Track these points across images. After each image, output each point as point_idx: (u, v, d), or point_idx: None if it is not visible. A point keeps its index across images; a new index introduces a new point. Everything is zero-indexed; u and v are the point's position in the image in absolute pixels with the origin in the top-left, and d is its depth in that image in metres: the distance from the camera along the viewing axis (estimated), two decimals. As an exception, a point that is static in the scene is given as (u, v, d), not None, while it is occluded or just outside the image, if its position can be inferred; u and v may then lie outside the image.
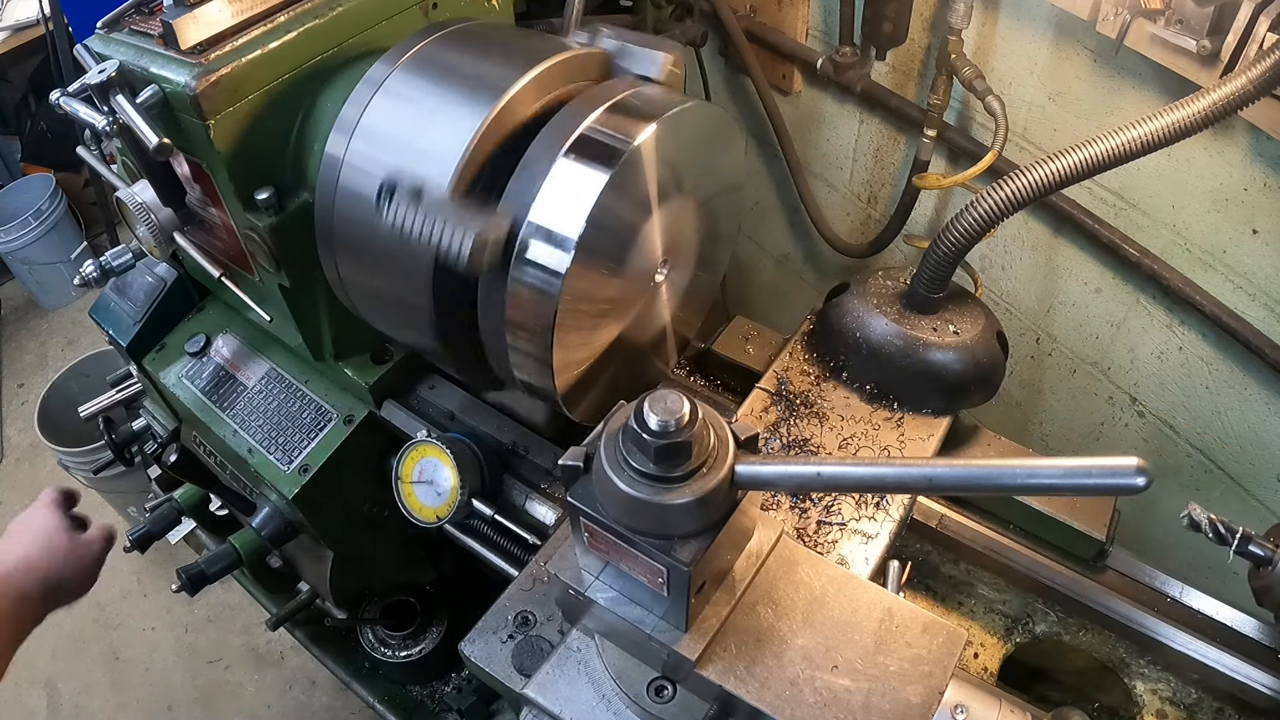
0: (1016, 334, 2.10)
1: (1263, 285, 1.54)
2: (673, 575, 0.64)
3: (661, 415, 0.59)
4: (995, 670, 1.12)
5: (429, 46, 0.98)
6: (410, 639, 1.89)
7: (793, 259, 2.75)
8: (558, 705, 0.81)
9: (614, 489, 0.61)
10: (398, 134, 0.94)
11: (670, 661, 0.72)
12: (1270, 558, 0.96)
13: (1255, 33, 1.24)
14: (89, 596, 1.23)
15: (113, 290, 1.58)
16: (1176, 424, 1.82)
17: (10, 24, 3.48)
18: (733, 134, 1.00)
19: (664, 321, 1.05)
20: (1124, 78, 1.57)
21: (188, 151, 1.05)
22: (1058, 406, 2.11)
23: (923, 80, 1.99)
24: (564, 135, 0.85)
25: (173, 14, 0.97)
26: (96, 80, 0.97)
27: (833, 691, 0.69)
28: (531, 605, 0.92)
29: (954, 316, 1.21)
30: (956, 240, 1.15)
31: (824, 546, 0.99)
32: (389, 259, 0.96)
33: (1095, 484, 0.49)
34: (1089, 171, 1.14)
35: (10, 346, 3.96)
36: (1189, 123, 1.11)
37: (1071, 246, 1.86)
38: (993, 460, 0.54)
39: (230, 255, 1.18)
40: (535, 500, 1.23)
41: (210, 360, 1.46)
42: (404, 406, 1.32)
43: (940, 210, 2.16)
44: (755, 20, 2.25)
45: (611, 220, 0.85)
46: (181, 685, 2.77)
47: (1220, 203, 1.53)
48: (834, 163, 2.39)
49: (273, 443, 1.36)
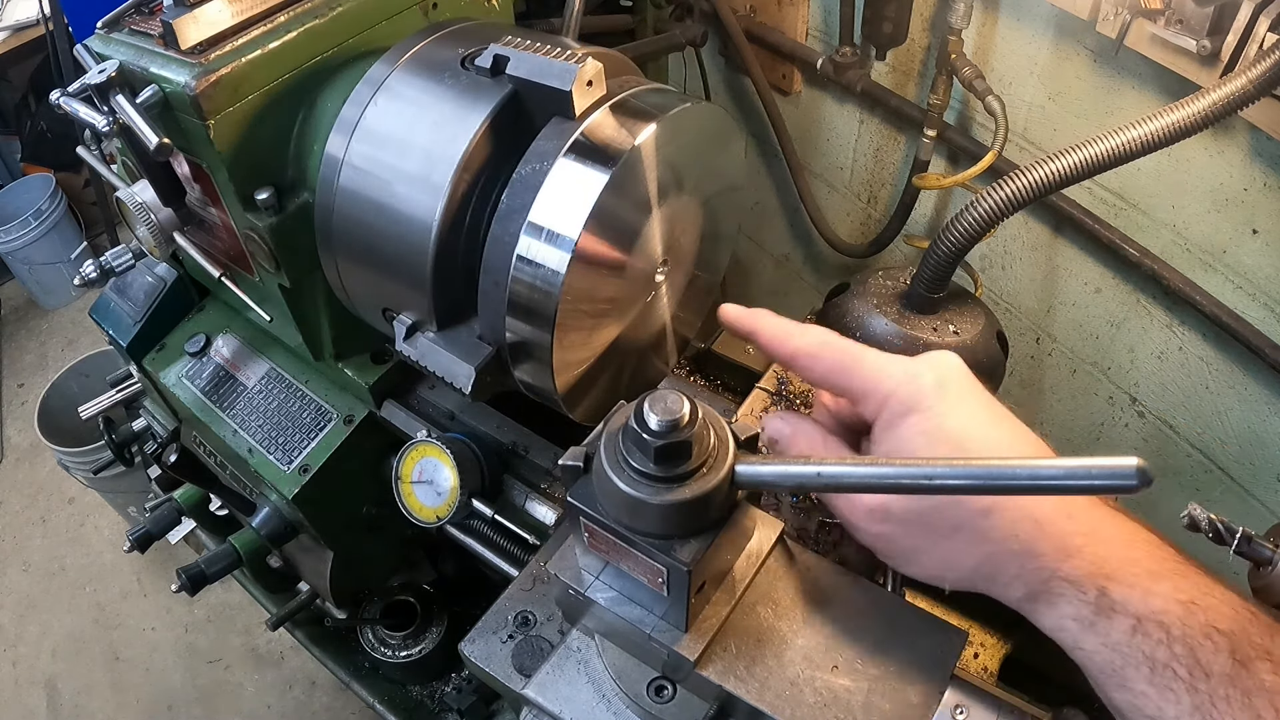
0: (1016, 334, 2.10)
1: (1263, 285, 1.54)
2: (673, 575, 0.64)
3: (661, 415, 0.59)
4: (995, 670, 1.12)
5: (429, 46, 0.98)
6: (410, 639, 1.89)
7: (793, 259, 2.75)
8: (558, 705, 0.81)
9: (614, 489, 0.61)
10: (398, 134, 0.94)
11: (670, 661, 0.72)
12: (1270, 558, 0.96)
13: (1255, 33, 1.24)
14: (89, 596, 1.23)
15: (113, 290, 1.58)
16: (1176, 424, 1.82)
17: (10, 24, 3.48)
18: (733, 134, 1.00)
19: (664, 321, 1.05)
20: (1124, 78, 1.57)
21: (188, 151, 1.05)
22: (1058, 406, 2.11)
23: (923, 80, 1.99)
24: (564, 135, 0.85)
25: (173, 14, 0.97)
26: (96, 80, 0.97)
27: (833, 691, 0.69)
28: (531, 605, 0.92)
29: (954, 316, 1.21)
30: (956, 240, 1.15)
31: (825, 546, 0.99)
32: (389, 259, 0.96)
33: (1095, 484, 0.49)
34: (1089, 171, 1.14)
35: (10, 346, 3.96)
36: (1189, 123, 1.12)
37: (1071, 246, 1.86)
38: (993, 460, 0.54)
39: (230, 255, 1.18)
40: (535, 500, 1.23)
41: (210, 360, 1.46)
42: (404, 406, 1.32)
43: (940, 210, 2.16)
44: (755, 20, 2.26)
45: (611, 220, 0.85)
46: (181, 685, 2.77)
47: (1220, 203, 1.53)
48: (834, 163, 2.39)
49: (273, 443, 1.36)
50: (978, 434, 0.66)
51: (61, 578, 3.08)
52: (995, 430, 0.67)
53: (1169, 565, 0.60)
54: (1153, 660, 0.56)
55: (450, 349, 0.97)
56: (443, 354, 0.97)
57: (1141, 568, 0.59)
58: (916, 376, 0.68)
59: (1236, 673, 0.53)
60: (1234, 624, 0.55)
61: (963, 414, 0.66)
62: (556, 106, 0.86)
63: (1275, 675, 0.53)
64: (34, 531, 3.25)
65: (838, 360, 0.72)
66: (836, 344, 0.73)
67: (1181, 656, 0.55)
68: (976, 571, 0.65)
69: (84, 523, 3.25)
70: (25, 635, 2.94)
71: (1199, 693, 0.54)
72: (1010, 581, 0.64)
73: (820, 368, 0.73)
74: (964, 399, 0.68)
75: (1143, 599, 0.57)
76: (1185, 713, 0.54)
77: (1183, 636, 0.55)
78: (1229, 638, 0.55)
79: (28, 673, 2.85)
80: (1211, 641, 0.55)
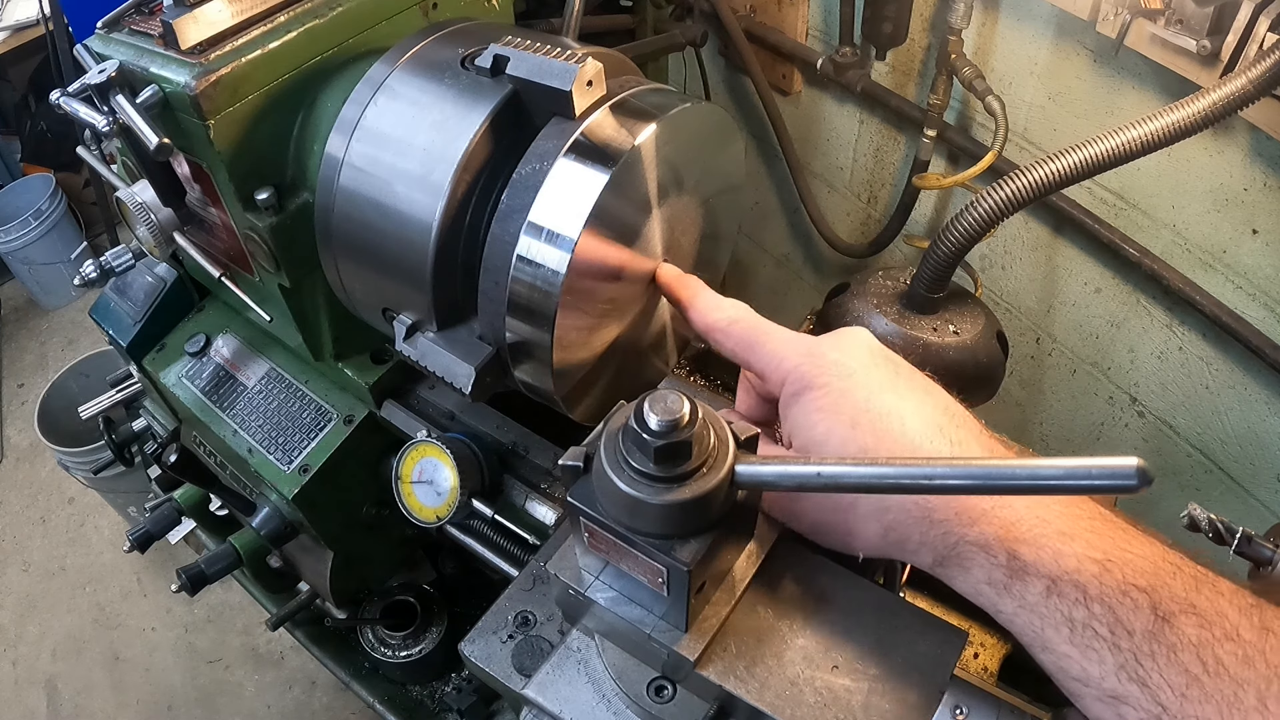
0: (1016, 334, 2.10)
1: (1263, 285, 1.54)
2: (673, 575, 0.64)
3: (661, 415, 0.59)
4: (995, 670, 1.12)
5: (429, 46, 0.98)
6: (410, 639, 1.89)
7: (793, 259, 2.75)
8: (558, 705, 0.81)
9: (614, 489, 0.61)
10: (398, 134, 0.94)
11: (670, 661, 0.72)
12: (1270, 558, 0.96)
13: (1255, 33, 1.24)
14: (89, 596, 1.23)
15: (113, 290, 1.58)
16: (1176, 424, 1.82)
17: (10, 24, 3.49)
18: (733, 134, 1.00)
19: (664, 321, 1.05)
20: (1124, 78, 1.57)
21: (188, 151, 1.05)
22: (1058, 406, 2.11)
23: (923, 80, 1.99)
24: (564, 135, 0.85)
25: (173, 14, 0.97)
26: (96, 80, 0.97)
27: (833, 691, 0.69)
28: (531, 605, 0.92)
29: (954, 316, 1.21)
30: (956, 240, 1.15)
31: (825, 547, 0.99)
32: (389, 259, 0.96)
33: (1095, 484, 0.49)
34: (1089, 171, 1.14)
35: (10, 346, 3.97)
36: (1189, 123, 1.12)
37: (1071, 246, 1.86)
38: (992, 460, 0.54)
39: (230, 255, 1.18)
40: (535, 500, 1.23)
41: (210, 360, 1.46)
42: (404, 406, 1.32)
43: (940, 210, 2.16)
44: (755, 20, 2.26)
45: (611, 220, 0.85)
46: (181, 685, 2.77)
47: (1220, 203, 1.53)
48: (834, 163, 2.39)
49: (273, 443, 1.36)
50: (880, 404, 0.65)
51: (61, 578, 3.08)
52: (901, 400, 0.66)
53: (1082, 524, 0.59)
54: (1071, 621, 0.55)
55: (450, 349, 0.97)
56: (443, 354, 0.97)
57: (1052, 528, 0.58)
58: (815, 354, 0.69)
59: (1159, 629, 0.52)
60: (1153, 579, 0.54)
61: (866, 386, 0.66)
62: (556, 106, 0.86)
63: (1201, 629, 0.52)
64: (34, 531, 3.25)
65: (745, 336, 0.74)
66: (747, 320, 0.75)
67: (1101, 615, 0.54)
68: (884, 539, 0.66)
69: (84, 523, 3.25)
70: (25, 635, 2.94)
71: (1122, 651, 0.53)
72: (917, 549, 0.64)
73: (730, 343, 0.75)
74: (868, 371, 0.67)
75: (1054, 559, 0.56)
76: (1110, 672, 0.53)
77: (1100, 595, 0.54)
78: (1148, 594, 0.53)
79: (28, 673, 2.85)
80: (1130, 599, 0.54)
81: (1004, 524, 0.60)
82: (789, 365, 0.70)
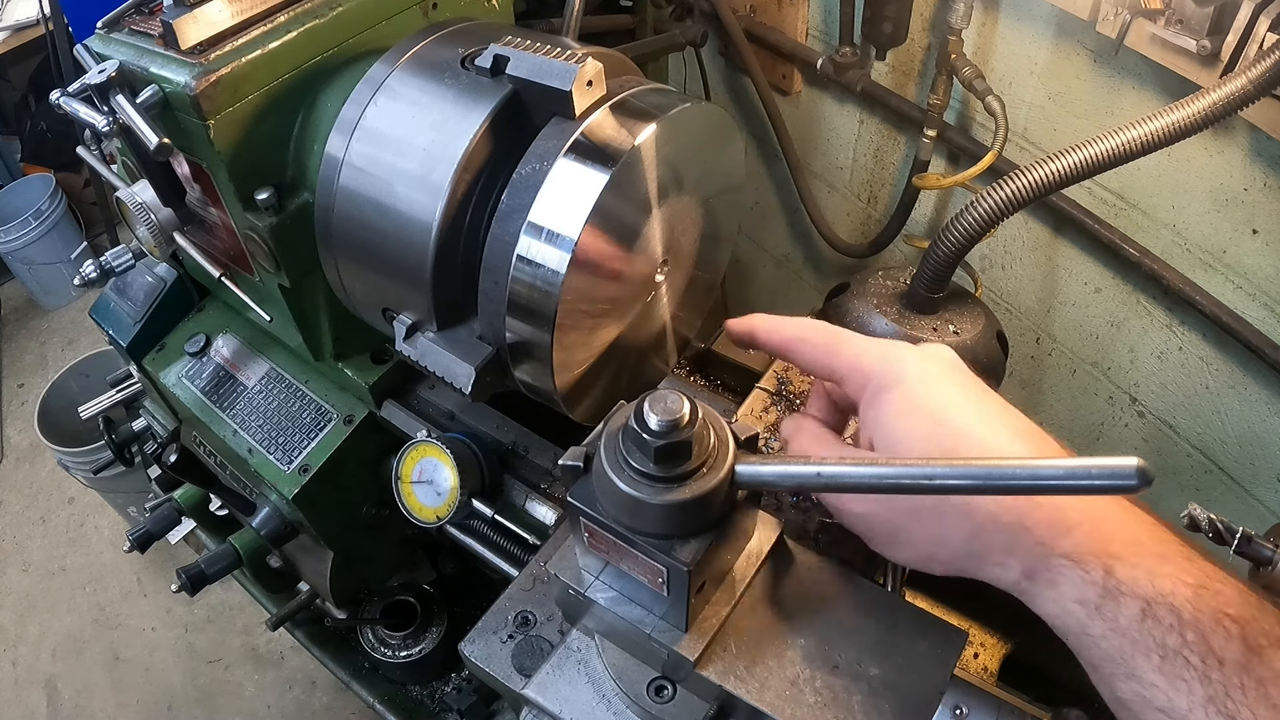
0: (1016, 334, 2.10)
1: (1263, 285, 1.54)
2: (673, 575, 0.64)
3: (661, 415, 0.59)
4: (995, 670, 1.12)
5: (429, 46, 0.98)
6: (410, 639, 1.89)
7: (793, 259, 2.75)
8: (558, 705, 0.81)
9: (614, 489, 0.61)
10: (398, 134, 0.94)
11: (670, 661, 0.72)
12: (1270, 558, 0.96)
13: (1255, 33, 1.24)
14: (89, 596, 1.23)
15: (113, 290, 1.58)
16: (1176, 424, 1.82)
17: (10, 24, 3.49)
18: (733, 134, 1.00)
19: (664, 321, 1.05)
20: (1124, 78, 1.57)
21: (188, 151, 1.05)
22: (1058, 406, 2.11)
23: (923, 80, 1.99)
24: (564, 135, 0.85)
25: (173, 14, 0.97)
26: (96, 80, 0.97)
27: (833, 691, 0.69)
28: (531, 605, 0.92)
29: (954, 316, 1.21)
30: (956, 240, 1.15)
31: (825, 546, 0.99)
32: (389, 259, 0.96)
33: (1095, 484, 0.49)
34: (1089, 171, 1.14)
35: (10, 346, 3.97)
36: (1189, 123, 1.12)
37: (1071, 246, 1.86)
38: (992, 460, 0.54)
39: (230, 255, 1.18)
40: (535, 500, 1.23)
41: (210, 360, 1.46)
42: (404, 406, 1.32)
43: (940, 210, 2.16)
44: (755, 20, 2.26)
45: (611, 220, 0.85)
46: (181, 685, 2.77)
47: (1220, 203, 1.53)
48: (834, 163, 2.39)
49: (273, 443, 1.36)
50: (957, 409, 0.64)
51: (61, 578, 3.08)
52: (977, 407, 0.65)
53: (1173, 547, 0.56)
54: (1164, 647, 0.52)
55: (450, 349, 0.97)
56: (443, 354, 0.97)
57: (1146, 549, 0.55)
58: (897, 357, 0.69)
59: (1250, 661, 0.50)
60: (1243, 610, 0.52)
61: (944, 391, 0.66)
62: (556, 106, 0.86)
63: None
64: (34, 531, 3.25)
65: (823, 343, 0.74)
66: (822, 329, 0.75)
67: (1194, 643, 0.51)
68: (966, 549, 0.62)
69: (84, 523, 3.25)
70: (25, 635, 2.94)
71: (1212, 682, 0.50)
72: (1003, 560, 0.60)
73: (808, 351, 0.75)
74: (947, 378, 0.67)
75: (1150, 580, 0.53)
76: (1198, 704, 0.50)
77: (1194, 622, 0.51)
78: (1240, 624, 0.51)
79: (28, 673, 2.85)
80: (1224, 628, 0.51)
81: (1098, 538, 0.57)
82: (869, 367, 0.70)
